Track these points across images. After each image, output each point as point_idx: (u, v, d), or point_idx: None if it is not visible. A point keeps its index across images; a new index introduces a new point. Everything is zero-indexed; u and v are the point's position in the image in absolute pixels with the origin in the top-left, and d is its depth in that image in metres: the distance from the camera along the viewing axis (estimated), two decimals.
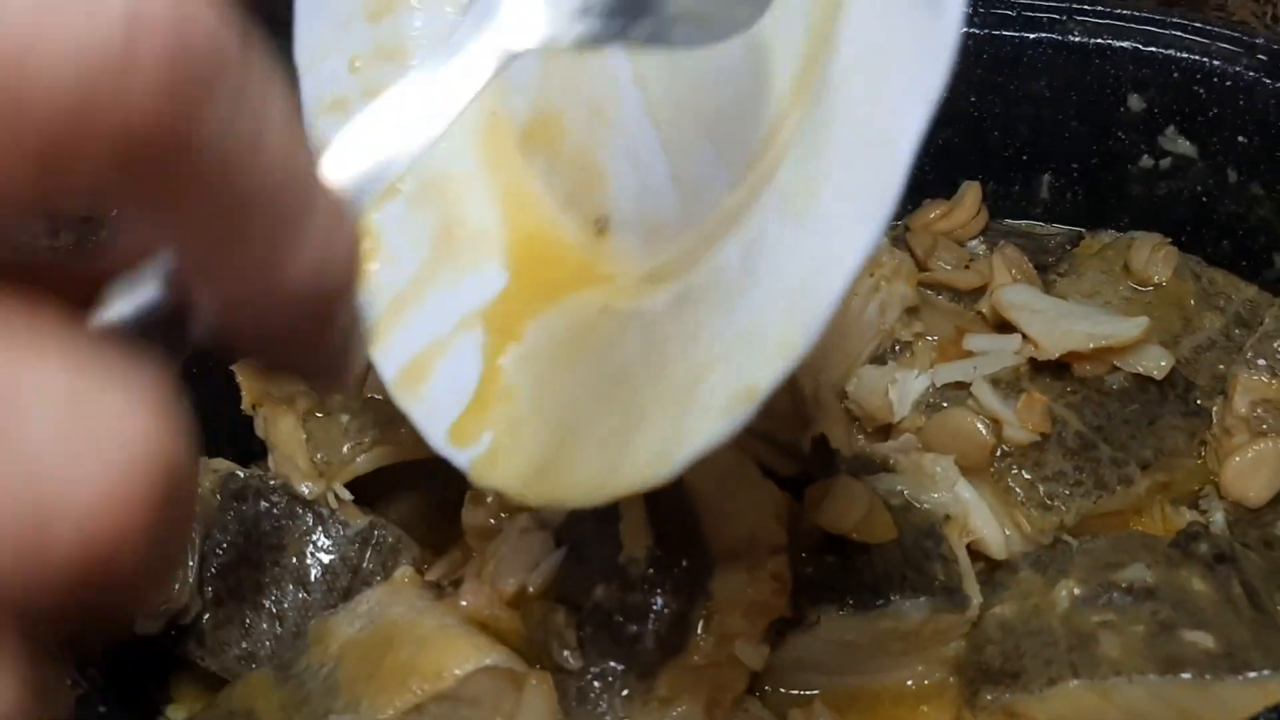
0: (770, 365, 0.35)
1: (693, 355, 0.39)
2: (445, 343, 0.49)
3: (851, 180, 0.35)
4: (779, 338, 0.35)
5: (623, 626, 0.52)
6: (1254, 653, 0.52)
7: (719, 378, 0.37)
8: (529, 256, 0.49)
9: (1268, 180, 0.72)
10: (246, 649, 0.60)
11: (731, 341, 0.38)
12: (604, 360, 0.43)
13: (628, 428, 0.39)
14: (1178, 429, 0.65)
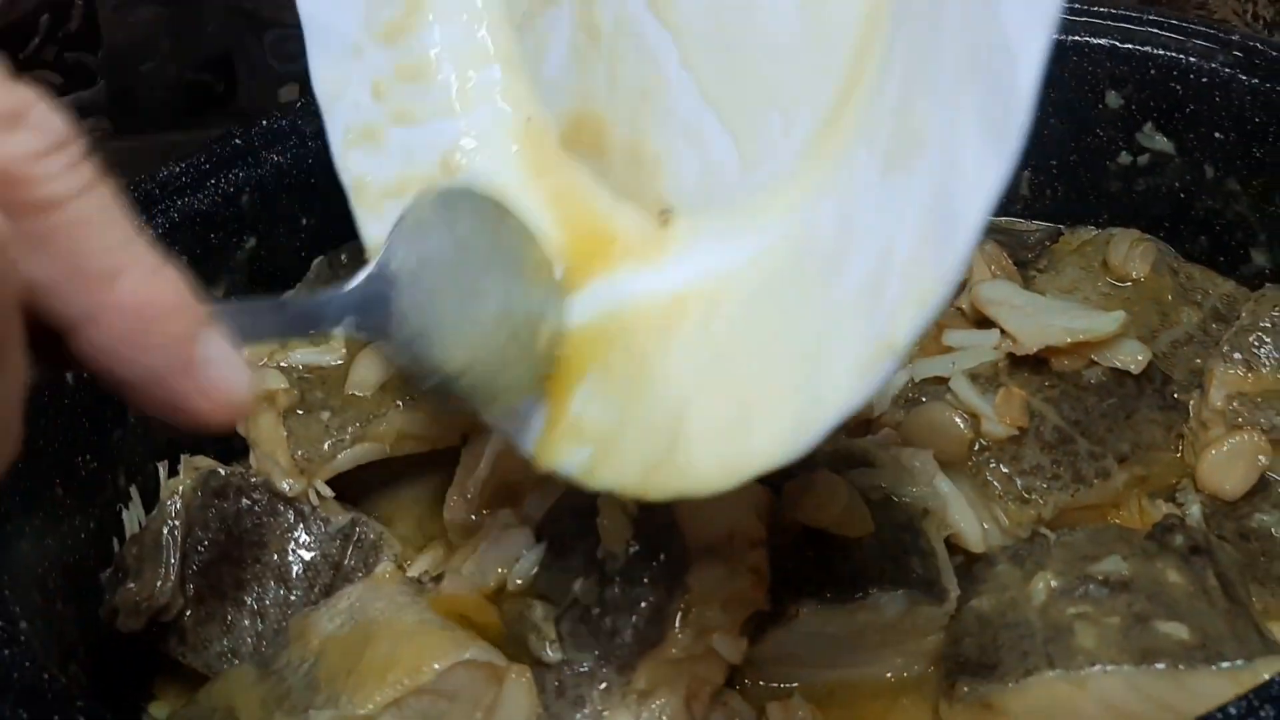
0: (908, 315, 0.34)
1: (805, 322, 0.38)
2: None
3: (966, 111, 0.34)
4: (912, 286, 0.34)
5: (601, 620, 0.52)
6: (1228, 643, 0.53)
7: (845, 338, 0.36)
8: (587, 254, 0.48)
9: (1244, 176, 0.73)
10: (228, 646, 0.61)
11: (850, 301, 0.37)
12: (697, 346, 0.43)
13: (746, 408, 0.39)
14: (1154, 423, 0.65)
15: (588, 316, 0.47)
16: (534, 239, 0.47)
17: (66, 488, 0.61)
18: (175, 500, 0.62)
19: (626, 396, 0.44)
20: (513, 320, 0.45)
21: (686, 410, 0.41)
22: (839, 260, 0.38)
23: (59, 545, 0.60)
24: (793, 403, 0.37)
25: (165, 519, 0.62)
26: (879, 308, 0.35)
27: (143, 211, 0.66)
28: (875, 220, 0.37)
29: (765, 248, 0.41)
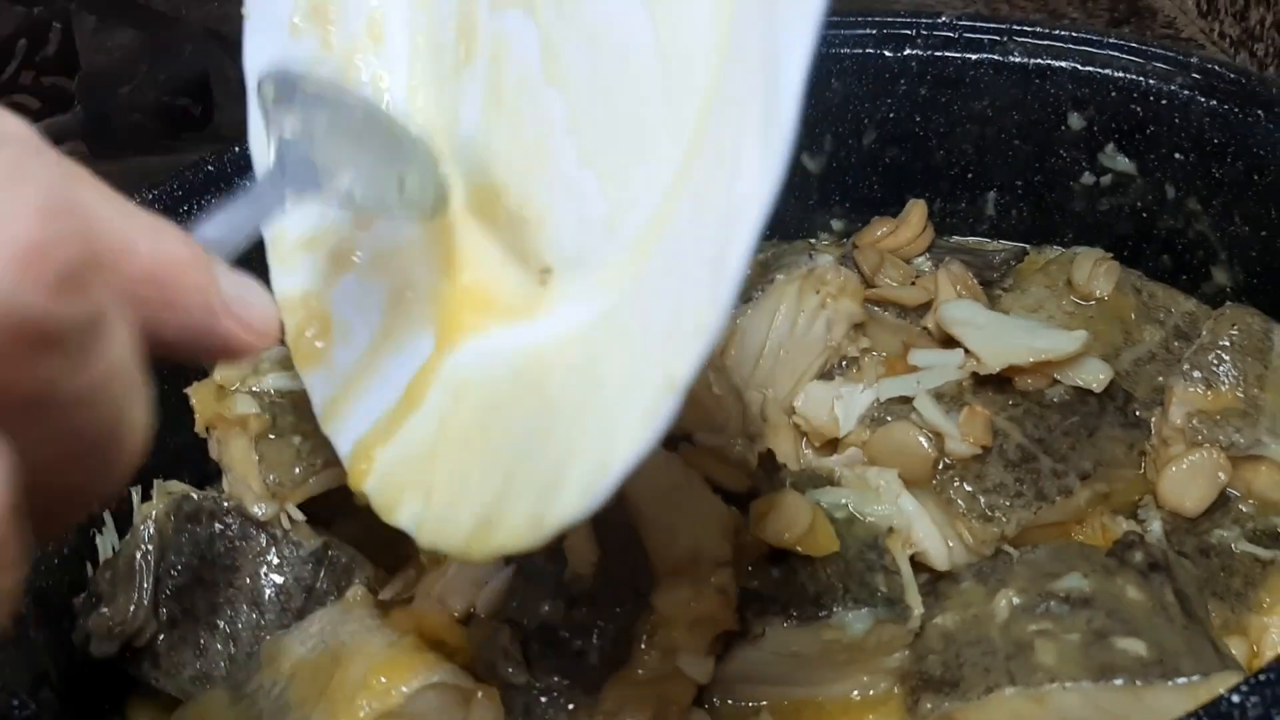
0: (686, 351, 0.35)
1: (616, 366, 0.40)
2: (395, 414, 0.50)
3: (750, 134, 0.34)
4: (691, 323, 0.35)
5: (568, 642, 0.53)
6: (1184, 659, 0.54)
7: (640, 379, 0.37)
8: (471, 310, 0.50)
9: (1204, 196, 0.74)
10: (201, 669, 0.61)
11: (649, 341, 0.38)
12: (536, 402, 0.43)
13: (563, 460, 0.40)
14: (1117, 440, 0.66)
15: (453, 366, 0.48)
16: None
17: None
18: (148, 525, 0.63)
19: (467, 445, 0.45)
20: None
21: (514, 468, 0.42)
22: (648, 303, 0.39)
23: (31, 571, 0.61)
24: (596, 450, 0.38)
25: (138, 544, 0.62)
26: (670, 343, 0.36)
27: None
28: (674, 263, 0.38)
29: (609, 306, 0.42)
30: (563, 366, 0.43)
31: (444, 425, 0.46)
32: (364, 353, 0.53)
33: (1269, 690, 0.44)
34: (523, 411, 0.43)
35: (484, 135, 0.50)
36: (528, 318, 0.46)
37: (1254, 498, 0.65)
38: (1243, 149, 0.71)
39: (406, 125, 0.50)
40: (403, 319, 0.52)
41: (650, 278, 0.41)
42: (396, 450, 0.48)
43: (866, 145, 0.81)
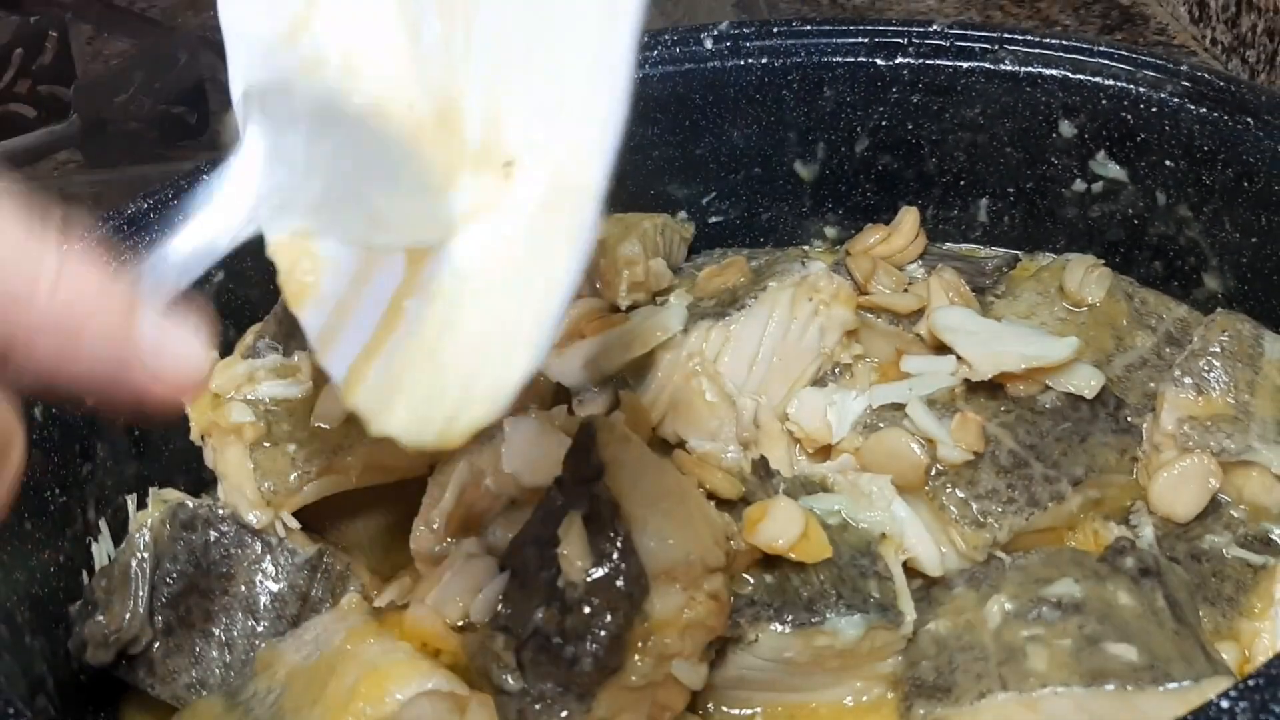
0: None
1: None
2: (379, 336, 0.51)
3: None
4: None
5: (561, 649, 0.53)
6: (1175, 664, 0.54)
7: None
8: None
9: (1195, 203, 0.74)
10: (196, 677, 0.61)
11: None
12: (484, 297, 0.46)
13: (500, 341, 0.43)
14: (1108, 446, 0.67)
15: (424, 276, 0.49)
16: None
17: (36, 522, 0.62)
18: (144, 533, 0.63)
19: (423, 345, 0.46)
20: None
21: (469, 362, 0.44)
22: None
23: (28, 579, 0.61)
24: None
25: (134, 552, 0.62)
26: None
27: (110, 248, 0.67)
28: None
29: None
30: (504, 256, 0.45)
31: (416, 335, 0.47)
32: (351, 278, 0.53)
33: (1258, 695, 0.44)
34: (475, 310, 0.45)
35: (442, 47, 0.50)
36: (492, 211, 0.47)
37: (1245, 503, 0.65)
38: (1233, 156, 0.71)
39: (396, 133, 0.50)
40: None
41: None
42: (381, 366, 0.49)
43: (859, 153, 0.82)
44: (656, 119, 0.81)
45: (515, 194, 0.46)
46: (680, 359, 0.70)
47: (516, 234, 0.45)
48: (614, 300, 0.76)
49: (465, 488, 0.64)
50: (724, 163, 0.83)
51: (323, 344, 0.54)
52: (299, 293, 0.54)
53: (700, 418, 0.69)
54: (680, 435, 0.69)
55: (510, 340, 0.42)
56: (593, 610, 0.53)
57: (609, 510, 0.55)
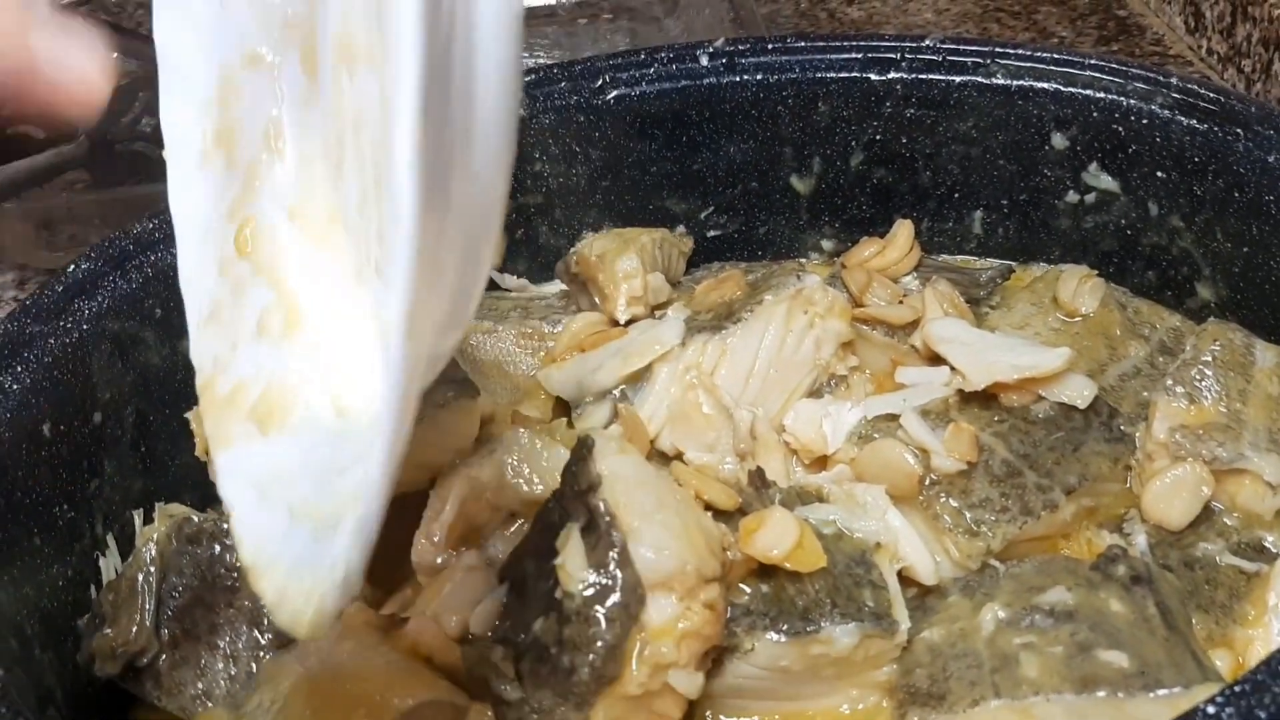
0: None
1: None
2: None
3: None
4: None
5: (559, 659, 0.54)
6: (1166, 671, 0.55)
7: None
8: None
9: (1186, 213, 0.75)
10: (202, 689, 0.62)
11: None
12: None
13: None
14: (1101, 455, 0.67)
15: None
16: None
17: (44, 537, 0.63)
18: (150, 547, 0.64)
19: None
20: None
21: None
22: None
23: (37, 593, 0.62)
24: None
25: (141, 566, 0.64)
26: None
27: (116, 266, 0.69)
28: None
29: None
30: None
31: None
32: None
33: (1244, 701, 0.45)
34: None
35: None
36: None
37: (1238, 511, 0.66)
38: (1223, 166, 0.72)
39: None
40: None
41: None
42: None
43: (854, 167, 0.83)
44: (654, 135, 0.82)
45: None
46: (678, 372, 0.70)
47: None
48: (613, 314, 0.77)
49: (466, 501, 0.65)
50: (721, 177, 0.84)
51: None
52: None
53: (697, 430, 0.70)
54: (678, 447, 0.70)
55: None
56: (590, 621, 0.54)
57: (606, 521, 0.56)
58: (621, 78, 0.81)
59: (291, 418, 0.47)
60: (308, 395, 0.48)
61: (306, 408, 0.47)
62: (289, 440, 0.47)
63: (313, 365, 0.48)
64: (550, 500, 0.60)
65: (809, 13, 1.32)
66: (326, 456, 0.45)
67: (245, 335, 0.51)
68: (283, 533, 0.44)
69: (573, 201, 0.83)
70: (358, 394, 0.45)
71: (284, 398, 0.48)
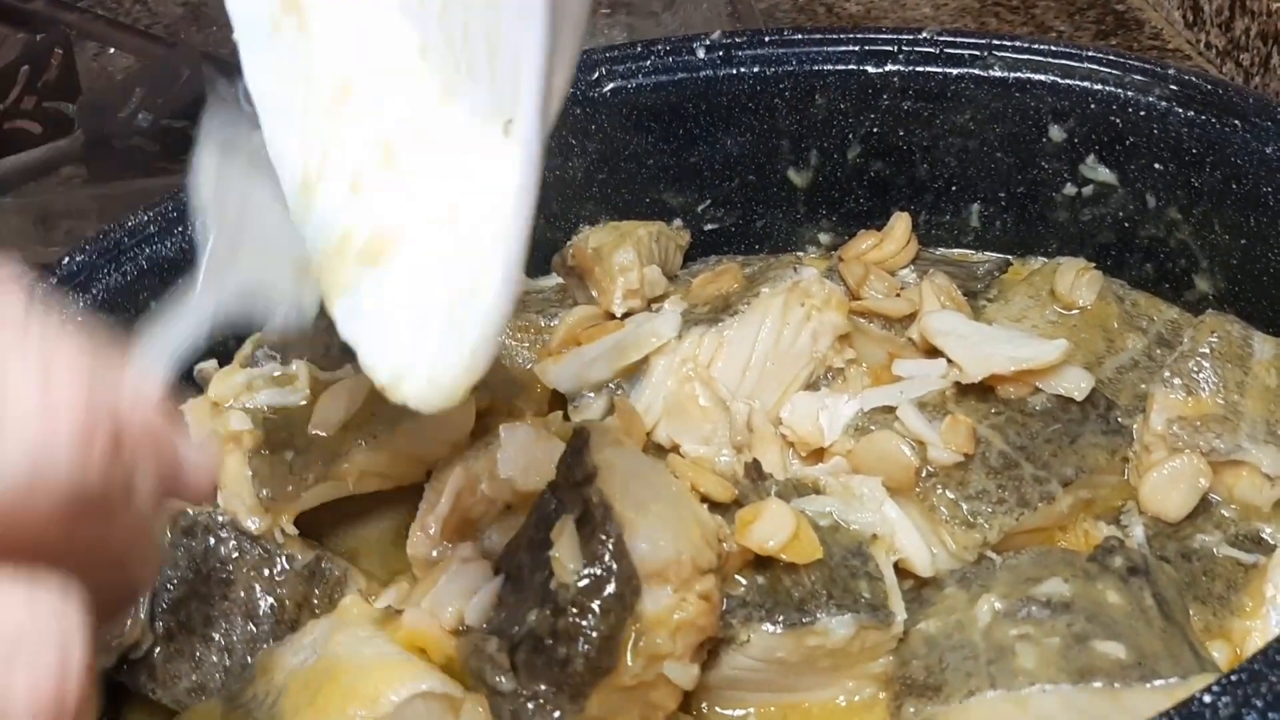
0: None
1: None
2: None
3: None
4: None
5: (554, 650, 0.54)
6: (1163, 662, 0.54)
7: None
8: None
9: (1184, 205, 0.75)
10: (196, 681, 0.62)
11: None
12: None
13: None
14: (1099, 447, 0.67)
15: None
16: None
17: None
18: None
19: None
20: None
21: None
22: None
23: None
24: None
25: None
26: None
27: (111, 259, 0.68)
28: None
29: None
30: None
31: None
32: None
33: (1240, 690, 0.45)
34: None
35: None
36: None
37: (1235, 502, 0.65)
38: (1221, 158, 0.72)
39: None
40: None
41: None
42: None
43: (851, 160, 0.82)
44: (651, 128, 0.82)
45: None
46: (674, 365, 0.70)
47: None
48: (609, 308, 0.77)
49: (461, 493, 0.65)
50: (718, 170, 0.84)
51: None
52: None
53: (694, 422, 0.70)
54: (674, 440, 0.70)
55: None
56: (585, 611, 0.54)
57: (601, 513, 0.56)
58: (618, 70, 0.81)
59: (401, 248, 0.50)
60: (411, 225, 0.50)
61: (413, 236, 0.49)
62: (400, 268, 0.49)
63: (410, 195, 0.50)
64: (546, 492, 0.60)
65: (806, 7, 1.32)
66: (441, 270, 0.47)
67: (340, 192, 0.52)
68: (412, 342, 0.47)
69: (569, 195, 0.82)
70: (466, 203, 0.47)
71: (389, 233, 0.50)
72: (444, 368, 0.46)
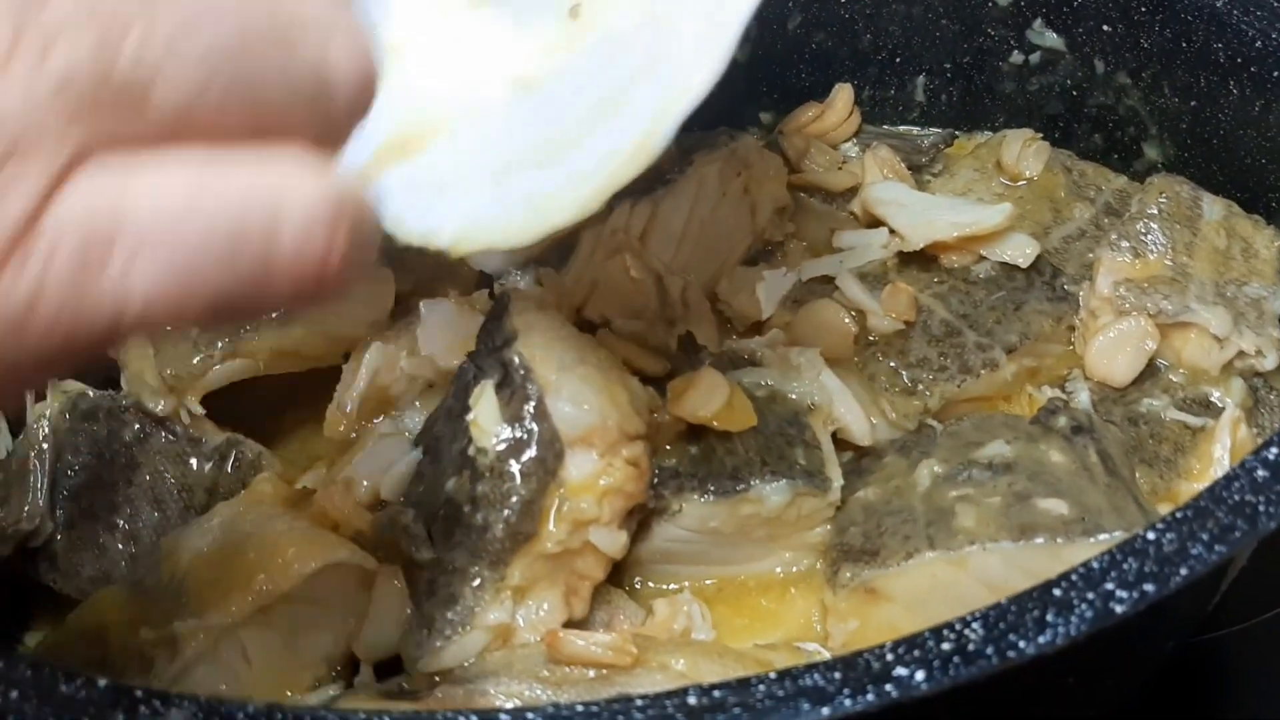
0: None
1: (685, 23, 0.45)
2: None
3: None
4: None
5: (472, 516, 0.51)
6: (1107, 516, 0.52)
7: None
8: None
9: (1134, 69, 0.72)
10: (101, 570, 0.59)
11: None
12: (529, 112, 0.46)
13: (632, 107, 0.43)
14: (1044, 314, 0.65)
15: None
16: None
17: None
18: (42, 424, 0.60)
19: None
20: None
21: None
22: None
23: None
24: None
25: (32, 444, 0.60)
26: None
27: None
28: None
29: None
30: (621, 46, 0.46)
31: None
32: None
33: (1185, 526, 0.43)
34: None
35: None
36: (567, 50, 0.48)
37: (1184, 366, 0.63)
38: (1171, 15, 0.69)
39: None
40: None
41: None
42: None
43: (792, 30, 0.79)
44: None
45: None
46: (604, 236, 0.67)
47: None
48: None
49: (379, 370, 0.62)
50: None
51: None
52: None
53: (625, 295, 0.67)
54: (605, 315, 0.67)
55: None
56: (504, 476, 0.51)
57: (521, 375, 0.53)
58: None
59: (441, 131, 0.49)
60: (441, 109, 0.49)
61: (446, 118, 0.49)
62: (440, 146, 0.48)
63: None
64: (465, 361, 0.57)
65: None
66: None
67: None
68: (461, 208, 0.46)
69: None
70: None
71: (428, 121, 0.49)
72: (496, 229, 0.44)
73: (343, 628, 0.53)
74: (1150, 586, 0.40)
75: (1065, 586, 0.40)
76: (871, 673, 0.37)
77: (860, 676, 0.37)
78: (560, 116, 0.45)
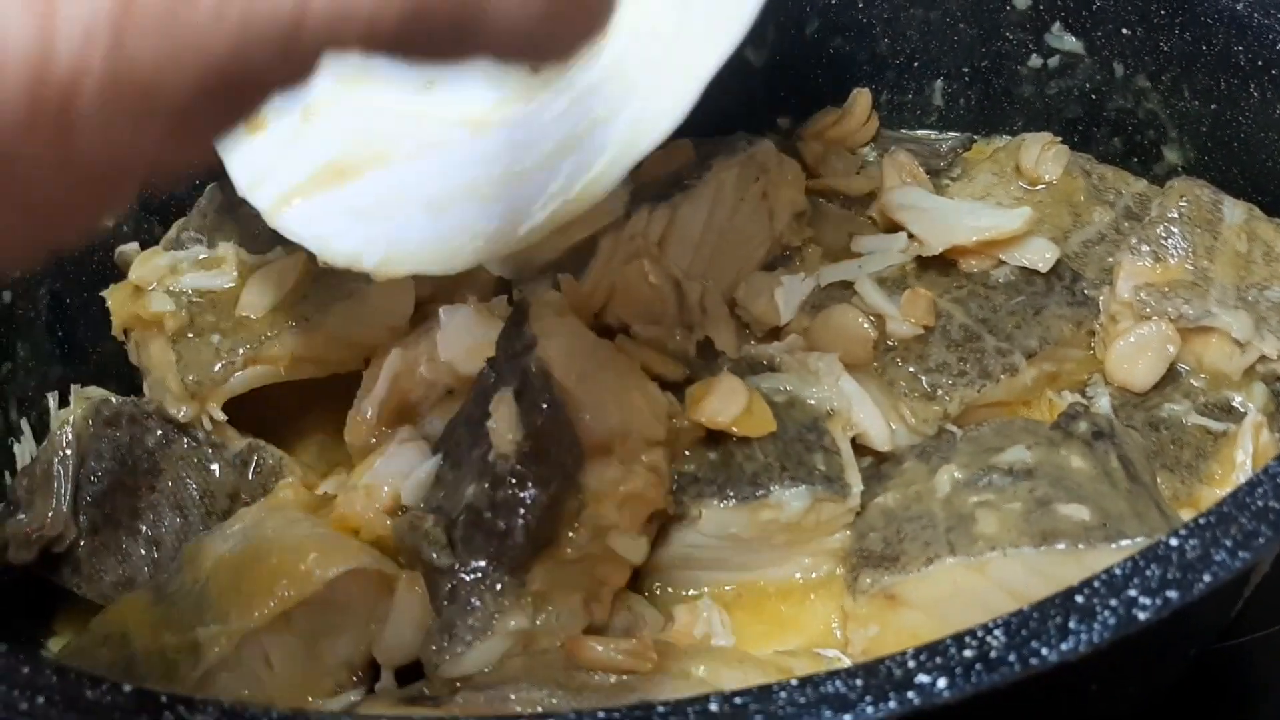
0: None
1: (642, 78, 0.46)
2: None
3: None
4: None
5: (493, 522, 0.51)
6: (1128, 522, 0.52)
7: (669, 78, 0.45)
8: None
9: (1153, 72, 0.72)
10: (123, 575, 0.59)
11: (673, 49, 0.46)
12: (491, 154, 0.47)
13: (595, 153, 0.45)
14: (1064, 318, 0.65)
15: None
16: None
17: None
18: (66, 430, 0.60)
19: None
20: None
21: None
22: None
23: None
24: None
25: (56, 450, 0.60)
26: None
27: None
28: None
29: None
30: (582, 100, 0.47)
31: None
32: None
33: (1209, 532, 0.42)
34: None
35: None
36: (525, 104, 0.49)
37: (1205, 371, 0.63)
38: (1191, 18, 0.69)
39: None
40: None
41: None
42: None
43: (810, 35, 0.79)
44: None
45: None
46: (622, 241, 0.67)
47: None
48: None
49: (399, 376, 0.62)
50: None
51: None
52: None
53: (643, 301, 0.67)
54: (623, 320, 0.67)
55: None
56: (524, 482, 0.51)
57: (540, 382, 0.53)
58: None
59: (378, 162, 0.52)
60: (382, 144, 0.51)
61: (386, 151, 0.51)
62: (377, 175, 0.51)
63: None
64: (485, 367, 0.57)
65: None
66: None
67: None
68: (392, 234, 0.49)
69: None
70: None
71: (367, 153, 0.52)
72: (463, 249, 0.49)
73: (364, 633, 0.53)
74: (1174, 593, 0.40)
75: (1088, 593, 0.40)
76: (894, 680, 0.37)
77: (882, 683, 0.37)
78: (510, 158, 0.46)
